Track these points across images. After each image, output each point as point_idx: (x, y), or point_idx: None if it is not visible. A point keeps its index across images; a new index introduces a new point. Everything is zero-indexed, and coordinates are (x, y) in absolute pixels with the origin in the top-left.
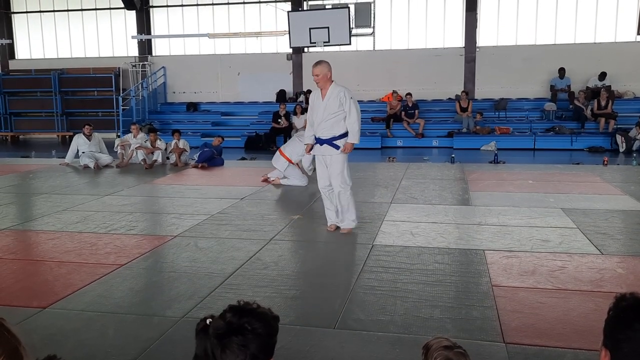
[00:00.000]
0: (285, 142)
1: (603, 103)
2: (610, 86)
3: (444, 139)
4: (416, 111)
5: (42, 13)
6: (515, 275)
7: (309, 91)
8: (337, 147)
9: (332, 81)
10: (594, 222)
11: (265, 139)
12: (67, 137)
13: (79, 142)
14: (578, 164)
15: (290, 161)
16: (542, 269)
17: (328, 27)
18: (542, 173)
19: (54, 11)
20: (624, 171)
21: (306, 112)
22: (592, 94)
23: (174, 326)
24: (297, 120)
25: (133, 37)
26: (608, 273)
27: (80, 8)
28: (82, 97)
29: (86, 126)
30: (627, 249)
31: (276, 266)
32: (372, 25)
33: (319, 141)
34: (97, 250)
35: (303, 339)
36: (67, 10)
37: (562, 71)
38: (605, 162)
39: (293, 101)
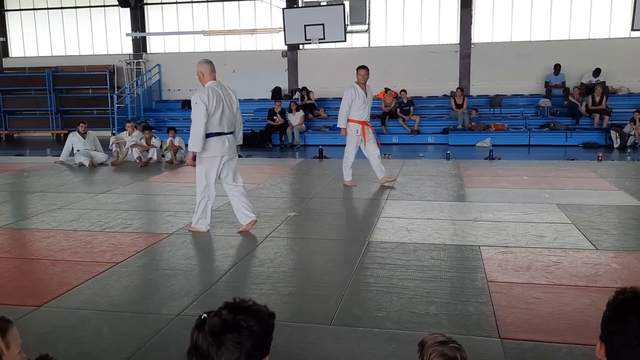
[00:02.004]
0: (280, 139)
1: (597, 99)
2: (604, 82)
3: (440, 135)
4: (411, 108)
5: (35, 11)
6: (511, 271)
7: (304, 88)
8: None
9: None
10: (589, 218)
11: (261, 137)
12: (61, 135)
13: (73, 140)
14: (573, 159)
15: None
16: (537, 265)
17: (323, 24)
18: (537, 169)
19: (47, 9)
20: (618, 167)
21: (301, 109)
22: (587, 90)
23: (170, 324)
24: (292, 118)
25: (127, 35)
26: (603, 268)
27: (74, 5)
28: (77, 95)
29: (81, 124)
30: (622, 244)
31: (272, 263)
32: (367, 22)
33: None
34: (92, 248)
35: (299, 336)
36: (61, 8)
37: (557, 67)
38: (600, 158)
39: (288, 98)
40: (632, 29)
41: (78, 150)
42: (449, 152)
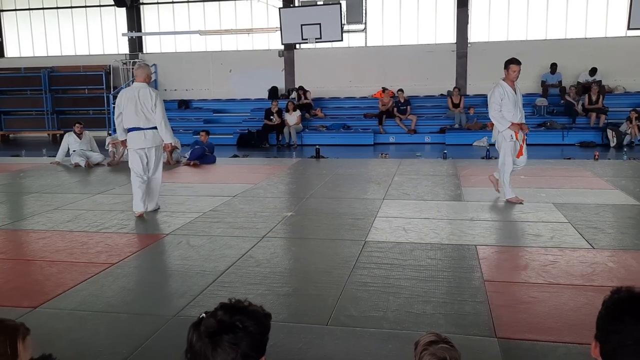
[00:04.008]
0: (277, 139)
1: (594, 98)
2: (600, 81)
3: (436, 134)
4: (408, 107)
5: (31, 11)
6: (507, 270)
7: (301, 87)
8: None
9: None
10: (585, 217)
11: (258, 136)
12: (57, 135)
13: (69, 140)
14: (569, 158)
15: None
16: (533, 264)
17: (320, 24)
18: (534, 168)
19: (43, 9)
20: (615, 166)
21: (298, 109)
22: (583, 89)
23: (166, 324)
24: (289, 117)
25: (123, 35)
26: (599, 267)
27: (69, 5)
28: (73, 95)
29: (77, 124)
30: (618, 242)
31: (269, 263)
32: (363, 21)
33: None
34: (88, 249)
35: (296, 336)
36: (57, 8)
37: (553, 66)
38: (596, 157)
39: (285, 98)
40: (628, 28)
41: (74, 151)
42: (445, 151)
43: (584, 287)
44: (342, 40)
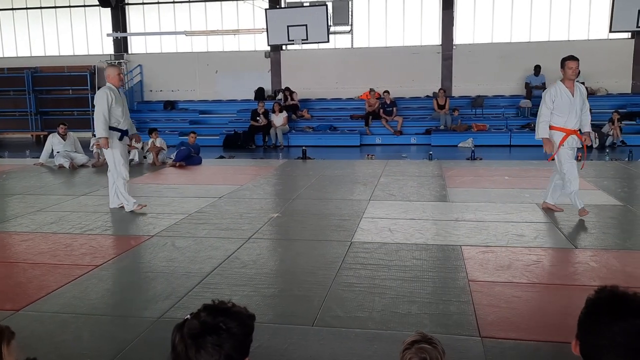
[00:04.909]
0: (264, 140)
1: None
2: (583, 83)
3: (422, 136)
4: (394, 109)
5: (14, 10)
6: (492, 270)
7: (287, 89)
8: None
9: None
10: (568, 217)
11: (244, 137)
12: (41, 136)
13: (53, 141)
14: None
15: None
16: (517, 264)
17: (306, 25)
18: (518, 169)
19: (26, 8)
20: (597, 167)
21: (284, 110)
22: None
23: (151, 327)
24: (275, 119)
25: (108, 35)
26: (582, 267)
27: (53, 5)
28: (57, 96)
29: (61, 125)
30: (600, 242)
31: (254, 265)
32: (350, 22)
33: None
34: (72, 251)
35: (281, 337)
36: (40, 8)
37: (537, 68)
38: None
39: (271, 99)
40: (610, 31)
41: (58, 152)
42: (431, 152)
43: (567, 287)
44: (328, 41)
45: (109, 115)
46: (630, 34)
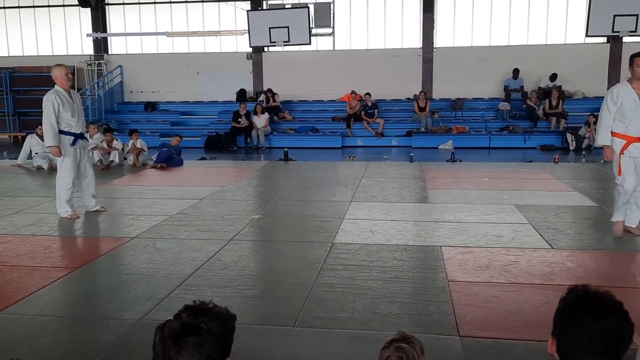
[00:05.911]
0: (245, 142)
1: (554, 103)
2: (560, 86)
3: (403, 138)
4: (375, 111)
5: None
6: (470, 270)
7: (269, 90)
8: None
9: None
10: (545, 218)
11: (226, 139)
12: (19, 137)
13: (31, 142)
14: (530, 161)
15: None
16: (495, 264)
17: (288, 27)
18: (497, 171)
19: (4, 8)
20: (574, 168)
21: (266, 111)
22: (544, 94)
23: (131, 329)
24: (257, 120)
25: (88, 35)
26: (558, 266)
27: (32, 5)
28: (35, 97)
29: (39, 126)
30: (576, 243)
31: (236, 266)
32: (331, 25)
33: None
34: (51, 253)
35: (263, 338)
36: (18, 7)
37: (515, 72)
38: (556, 160)
39: (253, 100)
40: (587, 35)
41: (36, 153)
42: (412, 154)
43: (543, 286)
44: (310, 43)
45: (59, 120)
46: (605, 38)
